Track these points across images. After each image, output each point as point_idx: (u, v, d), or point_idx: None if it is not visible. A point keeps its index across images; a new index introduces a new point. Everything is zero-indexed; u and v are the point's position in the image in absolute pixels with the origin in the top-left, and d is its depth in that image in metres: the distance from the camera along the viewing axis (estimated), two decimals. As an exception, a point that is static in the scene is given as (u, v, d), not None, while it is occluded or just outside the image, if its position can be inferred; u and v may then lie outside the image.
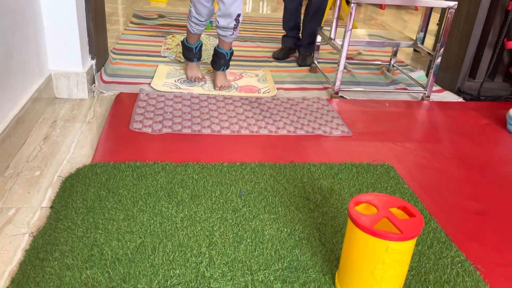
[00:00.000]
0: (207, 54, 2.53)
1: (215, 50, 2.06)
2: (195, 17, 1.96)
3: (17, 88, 1.53)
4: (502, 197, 1.39)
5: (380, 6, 4.75)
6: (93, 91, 1.97)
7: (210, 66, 2.26)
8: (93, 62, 2.03)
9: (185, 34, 3.00)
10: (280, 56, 2.59)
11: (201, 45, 2.13)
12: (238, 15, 1.92)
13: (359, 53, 2.87)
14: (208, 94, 2.00)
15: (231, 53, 2.07)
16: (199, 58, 2.15)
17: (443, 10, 2.07)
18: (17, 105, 1.53)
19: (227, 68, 2.10)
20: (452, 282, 1.01)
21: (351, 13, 1.95)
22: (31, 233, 1.11)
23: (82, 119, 1.74)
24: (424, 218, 1.23)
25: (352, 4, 1.94)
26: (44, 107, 1.77)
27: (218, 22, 1.93)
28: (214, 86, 2.09)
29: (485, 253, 1.13)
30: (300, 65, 2.54)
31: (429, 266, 1.05)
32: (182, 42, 2.13)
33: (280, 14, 3.94)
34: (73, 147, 1.53)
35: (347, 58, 2.73)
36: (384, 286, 0.89)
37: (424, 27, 2.35)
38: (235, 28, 1.94)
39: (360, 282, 0.90)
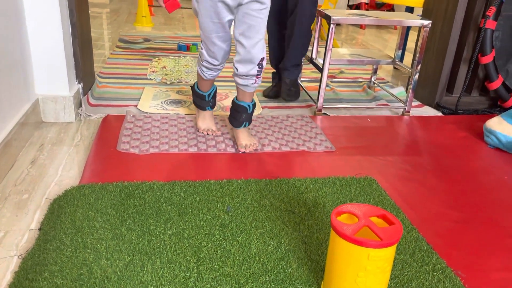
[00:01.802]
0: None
1: (233, 103, 1.72)
2: (207, 61, 1.63)
3: (4, 113, 1.55)
4: (481, 205, 1.44)
5: (361, 26, 4.89)
6: (80, 115, 1.99)
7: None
8: (80, 86, 2.06)
9: (171, 57, 3.06)
10: (271, 94, 2.33)
11: (215, 91, 1.81)
12: (262, 59, 1.57)
13: (341, 72, 2.95)
14: (195, 114, 2.04)
15: (254, 105, 1.71)
16: (212, 106, 1.83)
17: (419, 29, 2.16)
18: (4, 130, 1.55)
19: (249, 123, 1.73)
20: (433, 288, 1.04)
21: (330, 33, 2.03)
22: (20, 255, 1.12)
23: (69, 142, 1.76)
24: (406, 228, 1.27)
25: (331, 25, 2.02)
26: (32, 131, 1.79)
27: (236, 70, 1.61)
28: (238, 146, 1.72)
29: (465, 259, 1.17)
30: (285, 100, 2.26)
31: (412, 274, 1.09)
32: (192, 87, 1.81)
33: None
34: (61, 169, 1.55)
35: (330, 76, 2.81)
36: (367, 293, 0.92)
37: (402, 45, 2.44)
38: (258, 75, 1.60)
39: (344, 290, 0.93)
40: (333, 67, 2.97)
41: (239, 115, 1.69)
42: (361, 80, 2.78)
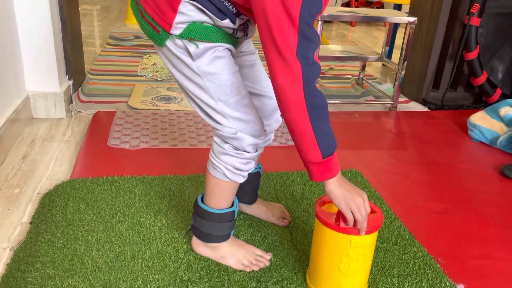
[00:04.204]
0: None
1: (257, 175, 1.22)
2: (251, 145, 0.98)
3: (-5, 108, 1.57)
4: (463, 197, 1.49)
5: (351, 23, 4.93)
6: (71, 111, 2.01)
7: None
8: (70, 82, 2.07)
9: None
10: None
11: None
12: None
13: (331, 68, 2.99)
14: (185, 110, 2.06)
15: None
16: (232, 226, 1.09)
17: (406, 26, 2.20)
18: (-5, 126, 1.56)
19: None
20: (414, 274, 1.08)
21: (319, 30, 2.06)
22: (12, 247, 1.14)
23: (60, 138, 1.78)
24: (389, 218, 1.31)
25: (319, 22, 2.05)
26: (22, 127, 1.80)
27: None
28: (272, 219, 1.26)
29: (445, 247, 1.21)
30: None
31: (394, 261, 1.12)
32: (199, 209, 1.05)
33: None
34: (52, 165, 1.57)
35: (319, 73, 2.84)
36: (350, 279, 0.95)
37: (389, 42, 2.48)
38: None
39: (328, 277, 0.97)
40: (322, 64, 3.00)
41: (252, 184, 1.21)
42: (350, 76, 2.82)
